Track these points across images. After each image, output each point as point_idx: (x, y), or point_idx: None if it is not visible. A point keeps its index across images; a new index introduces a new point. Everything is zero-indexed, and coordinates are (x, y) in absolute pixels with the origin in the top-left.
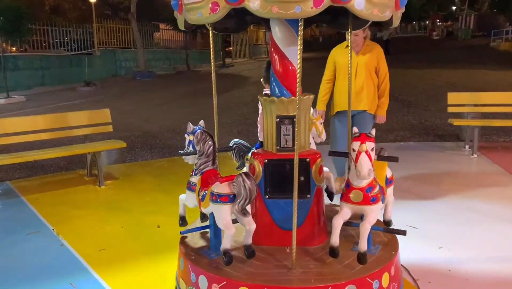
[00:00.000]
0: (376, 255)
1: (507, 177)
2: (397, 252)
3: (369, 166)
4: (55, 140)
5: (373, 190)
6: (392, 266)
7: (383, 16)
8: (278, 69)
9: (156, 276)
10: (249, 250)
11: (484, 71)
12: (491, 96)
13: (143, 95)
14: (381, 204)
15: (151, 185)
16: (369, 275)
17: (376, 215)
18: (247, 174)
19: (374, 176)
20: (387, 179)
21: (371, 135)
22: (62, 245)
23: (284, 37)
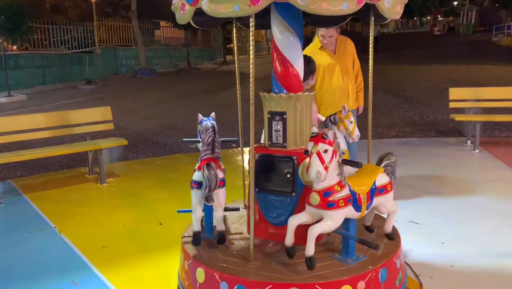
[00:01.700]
0: (349, 266)
1: (509, 172)
2: (363, 271)
3: (318, 168)
4: (57, 139)
5: (332, 194)
6: (354, 281)
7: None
8: (275, 65)
9: (159, 273)
10: (219, 236)
11: (486, 67)
12: (493, 92)
13: (144, 93)
14: (345, 210)
15: (152, 183)
16: (318, 283)
17: (335, 222)
18: (208, 164)
19: (341, 179)
20: (375, 187)
21: (327, 136)
22: (64, 242)
23: (280, 34)
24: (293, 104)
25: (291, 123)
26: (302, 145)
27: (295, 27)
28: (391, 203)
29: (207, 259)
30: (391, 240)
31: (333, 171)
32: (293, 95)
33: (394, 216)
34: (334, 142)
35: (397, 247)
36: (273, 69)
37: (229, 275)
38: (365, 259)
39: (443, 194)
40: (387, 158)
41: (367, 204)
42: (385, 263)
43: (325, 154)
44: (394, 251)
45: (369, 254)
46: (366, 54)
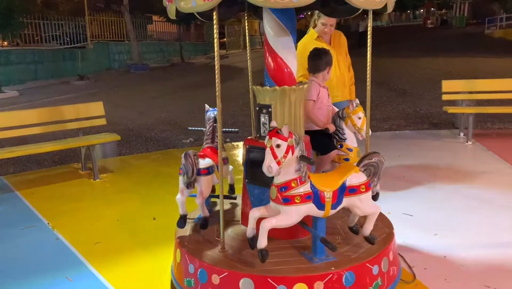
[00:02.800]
0: (312, 265)
1: (501, 163)
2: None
3: (270, 162)
4: (49, 135)
5: (288, 190)
6: (310, 280)
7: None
8: (266, 60)
9: (152, 268)
10: (201, 221)
11: (479, 59)
12: (485, 84)
13: (138, 88)
14: (302, 207)
15: (146, 178)
16: (271, 277)
17: (290, 218)
18: (186, 153)
19: (300, 176)
20: (345, 186)
21: (281, 132)
22: (57, 239)
23: (271, 28)
24: (278, 98)
25: (278, 116)
26: None
27: (286, 22)
28: (367, 205)
29: (187, 242)
30: (371, 244)
31: (289, 167)
32: (278, 88)
33: (373, 219)
34: (291, 138)
35: (375, 252)
36: (265, 63)
37: (196, 258)
38: (334, 260)
39: (436, 186)
40: (368, 158)
41: (333, 203)
42: (352, 267)
43: (277, 148)
44: (369, 256)
45: (344, 256)
46: (356, 49)
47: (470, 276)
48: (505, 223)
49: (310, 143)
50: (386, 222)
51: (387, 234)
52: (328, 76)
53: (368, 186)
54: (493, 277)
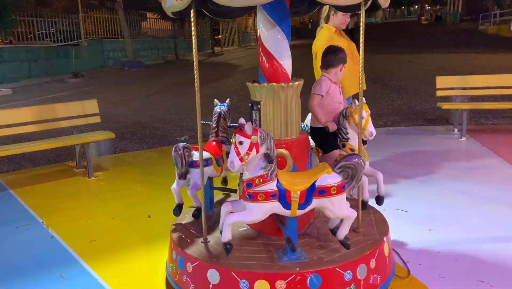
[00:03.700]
0: (278, 263)
1: (495, 159)
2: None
3: (233, 158)
4: (43, 133)
5: (253, 187)
6: (272, 278)
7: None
8: (261, 60)
9: (147, 266)
10: (193, 212)
11: (473, 55)
12: (479, 80)
13: (132, 85)
14: (266, 205)
15: (141, 176)
16: (235, 271)
17: (253, 214)
18: (176, 146)
19: (266, 173)
20: (314, 187)
21: (244, 130)
22: (52, 237)
23: (265, 28)
24: (269, 94)
25: (266, 113)
26: (281, 136)
27: (279, 20)
28: (339, 208)
29: (178, 230)
30: (346, 248)
31: (254, 164)
32: (266, 85)
33: (348, 222)
34: (256, 136)
35: (349, 258)
36: (260, 64)
37: (178, 245)
38: (304, 261)
39: (430, 182)
40: (346, 159)
41: (300, 203)
42: (320, 270)
43: (240, 145)
44: (342, 261)
45: (317, 258)
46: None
47: (465, 271)
48: (499, 218)
49: (308, 140)
50: (382, 228)
51: (373, 241)
52: (341, 74)
53: (341, 188)
54: (487, 272)
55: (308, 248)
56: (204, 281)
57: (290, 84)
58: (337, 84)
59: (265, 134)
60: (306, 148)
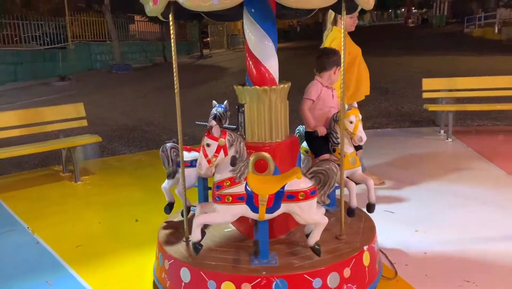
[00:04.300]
0: (247, 266)
1: (480, 160)
2: None
3: (201, 160)
4: (29, 137)
5: (221, 189)
6: (238, 280)
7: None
8: (248, 65)
9: (134, 270)
10: (181, 211)
11: (459, 57)
12: (464, 82)
13: (120, 88)
14: (234, 207)
15: (128, 179)
16: (204, 271)
17: (221, 216)
18: (163, 146)
19: (234, 176)
20: (282, 191)
21: (212, 132)
22: (37, 242)
23: (249, 30)
24: (251, 97)
25: (251, 116)
26: (265, 139)
27: (264, 23)
28: (308, 214)
29: (164, 227)
30: (317, 255)
31: (223, 166)
32: (249, 88)
33: (319, 229)
34: (223, 139)
35: (320, 265)
36: (247, 69)
37: (160, 244)
38: (274, 265)
39: (417, 183)
40: (318, 165)
41: (268, 207)
42: (287, 275)
43: (208, 147)
44: (312, 268)
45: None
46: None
47: (451, 272)
48: (484, 219)
49: (296, 144)
50: (366, 237)
51: (351, 250)
52: (335, 77)
53: (310, 194)
54: (473, 272)
55: (284, 253)
56: (178, 279)
57: (274, 87)
58: (329, 88)
59: (234, 137)
60: (293, 151)
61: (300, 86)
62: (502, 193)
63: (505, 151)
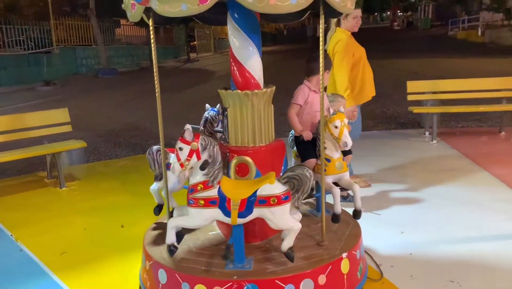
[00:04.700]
0: (221, 270)
1: (464, 161)
2: None
3: (174, 163)
4: (13, 143)
5: (194, 192)
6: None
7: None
8: (233, 71)
9: (120, 276)
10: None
11: (443, 60)
12: (449, 84)
13: (106, 93)
14: (207, 211)
15: (114, 185)
16: (179, 273)
17: (194, 219)
18: (149, 148)
19: (207, 180)
20: (255, 196)
21: (184, 136)
22: (21, 250)
23: (233, 35)
24: (234, 101)
25: (233, 120)
26: (248, 143)
27: (247, 28)
28: (280, 219)
29: (153, 229)
30: (290, 260)
31: (196, 170)
32: (231, 92)
33: (292, 235)
34: (196, 143)
35: (292, 271)
36: (231, 74)
37: (144, 245)
38: (247, 270)
39: (402, 185)
40: (291, 170)
41: (240, 211)
42: (258, 280)
43: (180, 151)
44: (284, 273)
45: (261, 269)
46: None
47: (436, 272)
48: (468, 219)
49: (281, 148)
50: (349, 244)
51: (329, 257)
52: (324, 80)
53: (282, 199)
54: (457, 272)
55: (262, 257)
56: (156, 280)
57: (255, 91)
58: (318, 93)
59: (207, 141)
60: (279, 156)
61: (288, 89)
62: (486, 194)
63: (489, 152)
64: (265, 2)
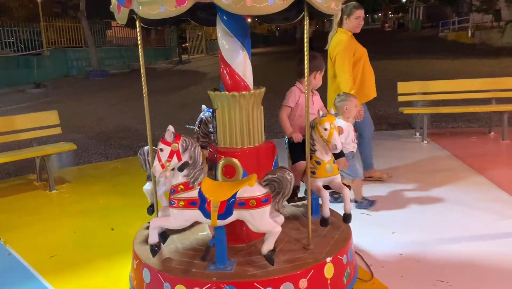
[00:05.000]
0: (202, 271)
1: (454, 161)
2: None
3: (155, 164)
4: (2, 145)
5: (175, 193)
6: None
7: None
8: (222, 74)
9: (110, 279)
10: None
11: (434, 61)
12: (439, 85)
13: (97, 95)
14: (187, 212)
15: (104, 187)
16: (161, 272)
17: (174, 220)
18: (141, 149)
19: (188, 181)
20: (234, 198)
21: (164, 137)
22: (9, 254)
23: (222, 37)
24: (221, 103)
25: (221, 121)
26: (236, 144)
27: (236, 30)
28: (259, 222)
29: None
30: (270, 264)
31: (176, 171)
32: (217, 93)
33: (271, 238)
34: (176, 144)
35: (273, 275)
36: (221, 77)
37: (133, 248)
38: (228, 271)
39: (393, 185)
40: (272, 172)
41: (220, 213)
42: (236, 282)
43: (161, 152)
44: (264, 276)
45: (242, 271)
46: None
47: (425, 272)
48: (458, 219)
49: (270, 150)
50: (335, 248)
51: (312, 261)
52: (316, 82)
53: (261, 202)
54: (446, 272)
55: (246, 260)
56: (141, 279)
57: (243, 93)
58: (310, 94)
59: (188, 142)
60: (268, 157)
61: (280, 91)
62: (475, 194)
63: (479, 152)
64: (241, 4)
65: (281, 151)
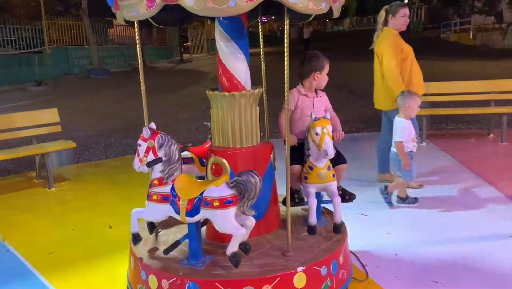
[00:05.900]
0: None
1: (453, 162)
2: None
3: (135, 159)
4: (2, 143)
5: (152, 187)
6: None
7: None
8: (220, 76)
9: (107, 277)
10: None
11: (435, 62)
12: (438, 86)
13: (98, 93)
14: (160, 206)
15: (103, 185)
16: (141, 263)
17: (150, 212)
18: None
19: (163, 176)
20: (201, 197)
21: (142, 133)
22: (8, 251)
23: (220, 39)
24: (216, 102)
25: (215, 120)
26: (228, 144)
27: (232, 32)
28: (223, 223)
29: None
30: (234, 266)
31: (156, 166)
32: (211, 93)
33: (235, 240)
34: (152, 140)
35: (235, 277)
36: (219, 80)
37: (131, 249)
38: (198, 268)
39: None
40: (239, 174)
41: (188, 210)
42: (198, 280)
43: (139, 147)
44: (226, 277)
45: (210, 269)
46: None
47: (420, 272)
48: (454, 220)
49: (265, 151)
50: (314, 257)
51: (282, 268)
52: (317, 82)
53: (225, 203)
54: (441, 272)
55: (220, 258)
56: (129, 267)
57: (237, 93)
58: (309, 97)
59: (164, 139)
60: (261, 158)
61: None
62: (472, 196)
63: (477, 154)
64: (202, 6)
65: (281, 151)
